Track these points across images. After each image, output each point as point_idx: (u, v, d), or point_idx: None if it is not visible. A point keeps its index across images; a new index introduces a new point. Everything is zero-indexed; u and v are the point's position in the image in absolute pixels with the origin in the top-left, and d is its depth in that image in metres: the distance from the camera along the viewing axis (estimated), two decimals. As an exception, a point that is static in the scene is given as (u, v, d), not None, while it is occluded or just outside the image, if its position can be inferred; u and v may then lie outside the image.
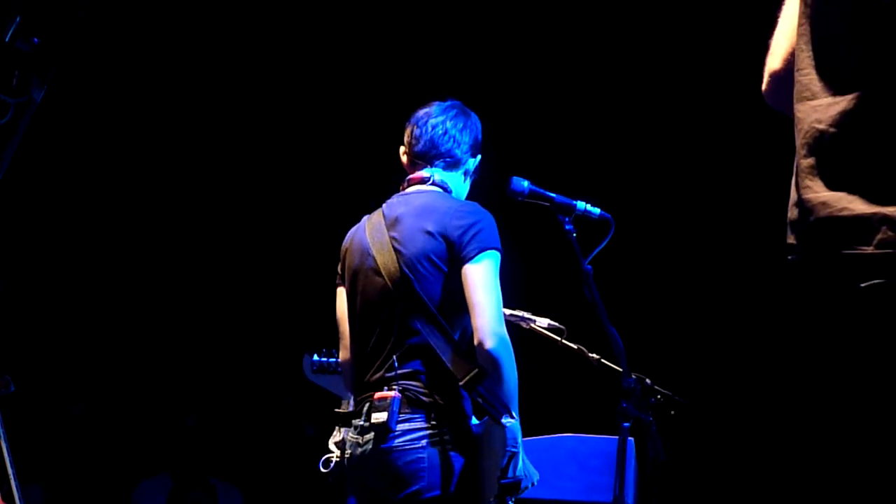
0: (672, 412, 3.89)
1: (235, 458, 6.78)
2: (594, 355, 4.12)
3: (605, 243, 3.59)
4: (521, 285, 5.59)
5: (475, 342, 3.45)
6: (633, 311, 5.69)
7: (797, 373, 2.44)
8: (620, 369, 3.43)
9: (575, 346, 4.15)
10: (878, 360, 2.28)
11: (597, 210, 3.67)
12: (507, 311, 4.13)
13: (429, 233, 3.57)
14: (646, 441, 3.52)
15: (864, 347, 2.30)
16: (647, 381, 3.82)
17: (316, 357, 4.42)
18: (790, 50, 2.52)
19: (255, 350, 6.77)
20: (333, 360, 4.40)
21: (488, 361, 3.44)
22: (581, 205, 3.65)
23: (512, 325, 4.21)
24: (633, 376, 3.47)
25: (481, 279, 3.49)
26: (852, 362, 2.33)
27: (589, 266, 3.51)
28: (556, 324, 4.17)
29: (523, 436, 3.54)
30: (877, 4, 2.31)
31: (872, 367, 2.29)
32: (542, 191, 3.69)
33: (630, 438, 3.39)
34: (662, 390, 3.91)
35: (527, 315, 4.17)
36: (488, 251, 3.52)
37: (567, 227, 3.60)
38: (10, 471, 4.28)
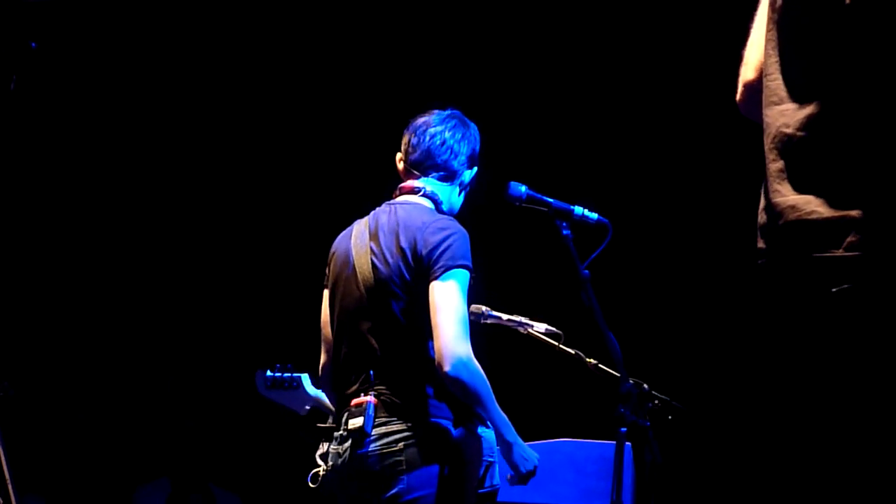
0: (669, 417, 3.89)
1: (234, 463, 6.77)
2: (591, 360, 4.12)
3: (602, 248, 3.58)
4: (518, 290, 5.60)
5: (436, 364, 3.46)
6: (631, 316, 5.69)
7: (792, 377, 2.45)
8: (618, 374, 3.43)
9: (572, 351, 4.15)
10: (850, 359, 2.31)
11: (594, 215, 3.67)
12: (505, 316, 4.15)
13: (402, 249, 3.57)
14: (643, 446, 3.51)
15: (838, 348, 2.32)
16: (645, 385, 3.82)
17: (269, 373, 4.39)
18: (763, 59, 2.54)
19: (254, 355, 6.76)
20: (287, 374, 4.38)
21: (450, 383, 3.46)
22: (578, 210, 3.65)
23: (509, 330, 4.22)
24: (631, 381, 3.46)
25: (442, 301, 3.47)
26: (828, 363, 2.35)
27: (586, 271, 3.51)
28: (554, 329, 4.18)
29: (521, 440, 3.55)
30: (840, 7, 2.33)
31: (847, 368, 2.32)
32: (539, 196, 3.68)
33: (627, 443, 3.38)
34: (660, 395, 3.91)
35: (524, 320, 4.17)
36: (454, 270, 3.51)
37: (564, 231, 3.59)
38: (7, 476, 4.28)
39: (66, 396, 6.85)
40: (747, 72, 2.63)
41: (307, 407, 3.82)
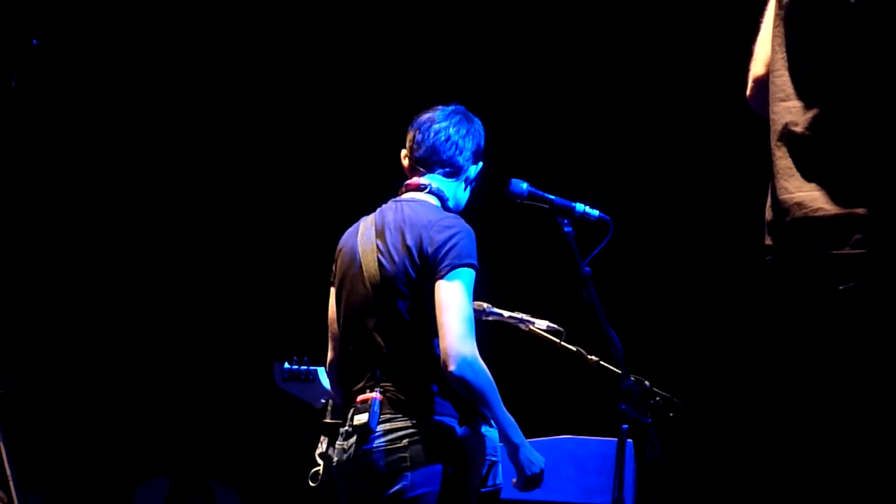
0: (671, 414, 3.89)
1: (233, 460, 6.77)
2: (593, 357, 4.13)
3: (603, 245, 3.58)
4: (520, 287, 5.60)
5: (441, 363, 3.47)
6: (632, 313, 5.69)
7: (797, 375, 2.46)
8: (619, 371, 3.43)
9: (574, 348, 4.15)
10: (856, 357, 2.31)
11: (596, 212, 3.67)
12: (507, 313, 4.15)
13: (408, 247, 3.58)
14: (644, 443, 3.51)
15: (844, 346, 2.33)
16: (646, 383, 3.82)
17: (287, 365, 4.43)
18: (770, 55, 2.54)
19: (253, 352, 6.77)
20: (304, 367, 4.41)
21: (455, 382, 3.47)
22: (580, 206, 3.65)
23: (510, 327, 4.22)
24: (632, 378, 3.47)
25: (448, 300, 3.48)
26: (834, 362, 2.36)
27: (588, 268, 3.51)
28: (555, 326, 4.18)
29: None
30: (845, 6, 2.33)
31: (853, 366, 2.32)
32: (540, 192, 3.68)
33: (629, 440, 3.38)
34: (661, 392, 3.91)
35: (526, 317, 4.17)
36: (460, 268, 3.51)
37: (566, 228, 3.59)
38: (9, 475, 4.28)
39: (66, 395, 6.85)
40: (757, 67, 2.63)
41: (322, 400, 3.84)
